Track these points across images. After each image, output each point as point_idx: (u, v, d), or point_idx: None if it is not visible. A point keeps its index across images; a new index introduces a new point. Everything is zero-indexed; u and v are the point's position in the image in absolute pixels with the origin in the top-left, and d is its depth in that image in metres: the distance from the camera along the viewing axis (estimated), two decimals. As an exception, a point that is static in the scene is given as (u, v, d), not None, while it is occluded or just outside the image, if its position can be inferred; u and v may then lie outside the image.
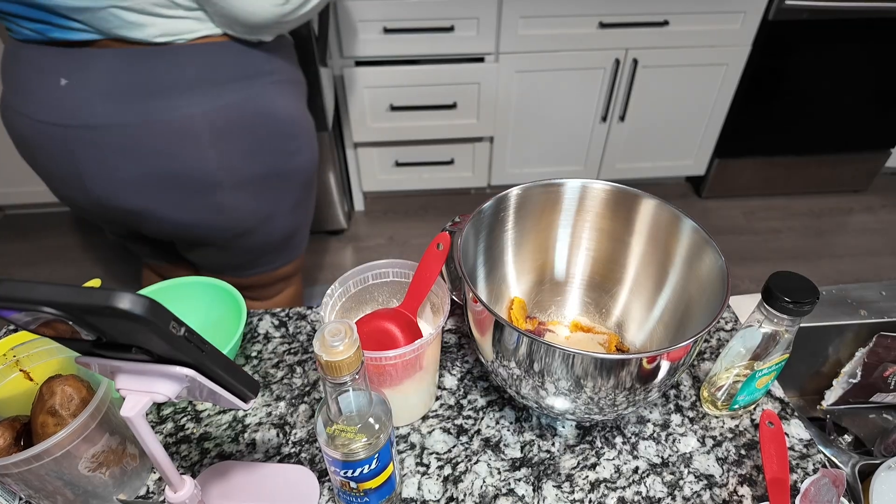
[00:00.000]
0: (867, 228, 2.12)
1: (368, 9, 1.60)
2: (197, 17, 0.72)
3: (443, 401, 0.62)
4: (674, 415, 0.61)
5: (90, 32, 0.70)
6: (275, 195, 0.89)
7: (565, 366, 0.46)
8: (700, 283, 0.55)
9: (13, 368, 0.53)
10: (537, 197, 0.62)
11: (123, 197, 0.80)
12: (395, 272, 0.60)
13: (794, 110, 1.96)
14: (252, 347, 0.68)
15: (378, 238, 2.07)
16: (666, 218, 0.58)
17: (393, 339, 0.58)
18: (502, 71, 1.76)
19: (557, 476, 0.55)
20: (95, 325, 0.33)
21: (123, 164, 0.76)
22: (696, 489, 0.54)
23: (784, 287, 0.50)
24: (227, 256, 0.96)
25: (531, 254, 0.66)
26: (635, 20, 1.70)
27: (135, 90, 0.73)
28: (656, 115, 1.93)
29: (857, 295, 0.78)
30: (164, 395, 0.38)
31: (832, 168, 2.17)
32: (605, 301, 0.67)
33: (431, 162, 2.00)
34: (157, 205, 0.81)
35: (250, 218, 0.88)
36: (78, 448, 0.46)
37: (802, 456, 0.57)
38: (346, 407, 0.42)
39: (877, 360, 0.73)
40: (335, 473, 0.45)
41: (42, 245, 2.03)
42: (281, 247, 0.98)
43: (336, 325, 0.38)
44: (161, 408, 0.61)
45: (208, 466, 0.55)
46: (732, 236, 2.08)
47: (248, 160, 0.81)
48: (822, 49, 1.80)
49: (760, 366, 0.54)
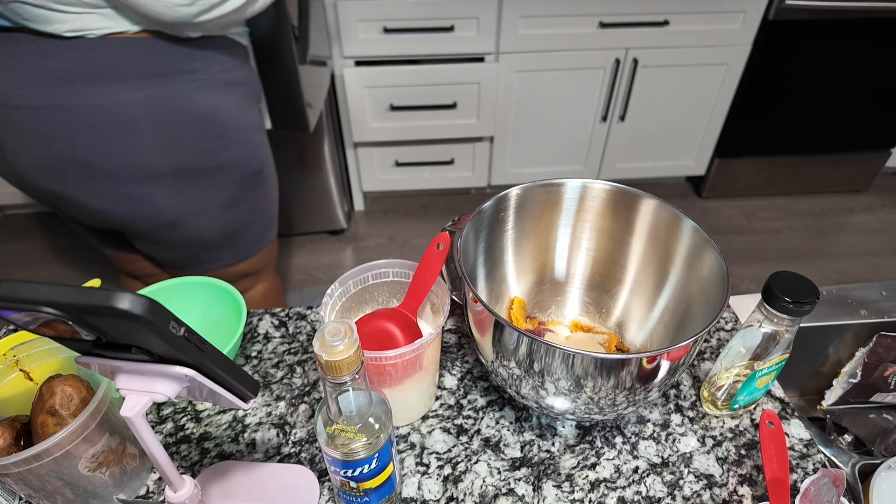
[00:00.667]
0: (867, 228, 2.12)
1: (368, 9, 1.60)
2: (106, 14, 0.73)
3: (443, 401, 0.62)
4: (674, 415, 0.61)
5: (4, 20, 0.72)
6: (198, 192, 0.89)
7: (565, 366, 0.46)
8: (700, 283, 0.55)
9: (13, 368, 0.53)
10: (537, 197, 0.62)
11: (40, 179, 0.82)
12: (395, 272, 0.60)
13: (795, 110, 1.96)
14: (252, 347, 0.68)
15: (378, 238, 2.07)
16: (666, 218, 0.58)
17: (393, 339, 0.58)
18: (502, 71, 1.76)
19: (557, 476, 0.55)
20: (95, 325, 0.33)
21: (36, 147, 0.78)
22: (696, 489, 0.54)
23: (784, 287, 0.49)
24: (164, 250, 0.97)
25: (531, 254, 0.66)
26: (635, 20, 1.70)
27: (47, 76, 0.74)
28: (656, 114, 1.93)
29: (857, 295, 0.78)
30: (164, 394, 0.38)
31: (832, 168, 2.17)
32: (605, 301, 0.67)
33: (431, 162, 2.00)
34: (71, 190, 0.83)
35: (168, 212, 0.89)
36: (78, 448, 0.46)
37: (802, 456, 0.57)
38: (346, 407, 0.42)
39: (877, 360, 0.73)
40: (335, 473, 0.45)
41: (42, 245, 2.03)
42: (221, 244, 0.98)
43: (336, 324, 0.38)
44: (161, 408, 0.61)
45: (208, 466, 0.55)
46: (732, 236, 2.08)
47: (159, 155, 0.82)
48: (822, 49, 1.80)
49: (760, 366, 0.54)
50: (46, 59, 0.74)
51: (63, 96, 0.75)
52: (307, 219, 1.99)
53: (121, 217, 0.88)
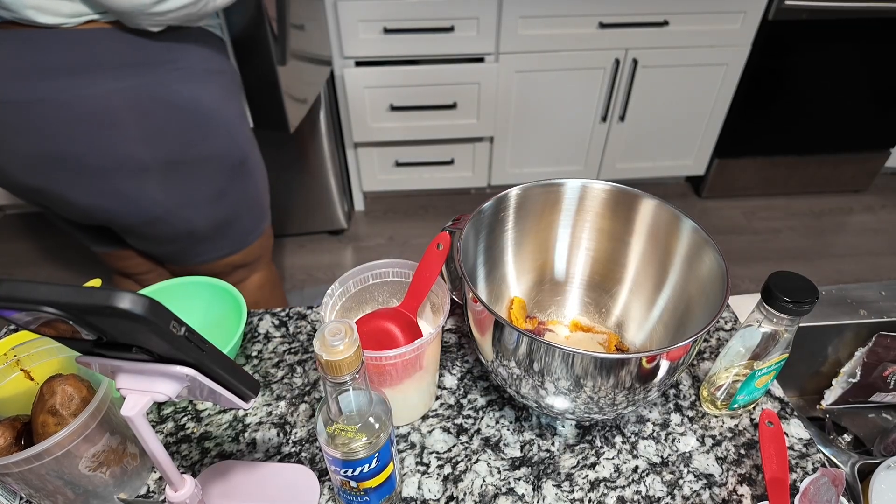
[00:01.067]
0: (867, 228, 2.12)
1: (368, 9, 1.60)
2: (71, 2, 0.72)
3: (443, 400, 0.62)
4: (673, 414, 0.61)
5: None
6: (183, 184, 0.88)
7: (565, 365, 0.46)
8: (700, 282, 0.55)
9: (14, 368, 0.53)
10: (537, 197, 0.62)
11: (26, 176, 0.81)
12: (395, 272, 0.60)
13: (794, 110, 1.96)
14: (252, 347, 0.68)
15: (378, 238, 2.07)
16: (666, 218, 0.58)
17: (393, 339, 0.58)
18: (502, 71, 1.76)
19: (557, 475, 0.55)
20: (96, 325, 0.33)
21: (19, 143, 0.78)
22: (695, 488, 0.54)
23: (784, 287, 0.50)
24: (156, 245, 0.97)
25: (531, 254, 0.66)
26: (635, 20, 1.70)
27: (27, 70, 0.74)
28: (656, 115, 1.93)
29: (857, 295, 0.78)
30: (164, 394, 0.38)
31: (832, 168, 2.17)
32: (604, 301, 0.67)
33: (431, 162, 2.00)
34: (56, 186, 0.82)
35: (156, 206, 0.88)
36: (78, 447, 0.46)
37: (802, 455, 0.57)
38: (346, 406, 0.42)
39: (876, 359, 0.74)
40: (335, 473, 0.45)
41: (42, 245, 2.03)
42: (212, 236, 0.98)
43: (336, 324, 0.38)
44: (161, 407, 0.61)
45: (209, 466, 0.55)
46: (732, 236, 2.08)
47: (144, 148, 0.82)
48: (822, 49, 1.80)
49: (760, 365, 0.54)
50: (26, 52, 0.73)
51: (44, 89, 0.74)
52: (307, 219, 2.00)
53: (108, 212, 0.87)
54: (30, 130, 0.76)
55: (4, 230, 2.09)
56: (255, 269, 1.12)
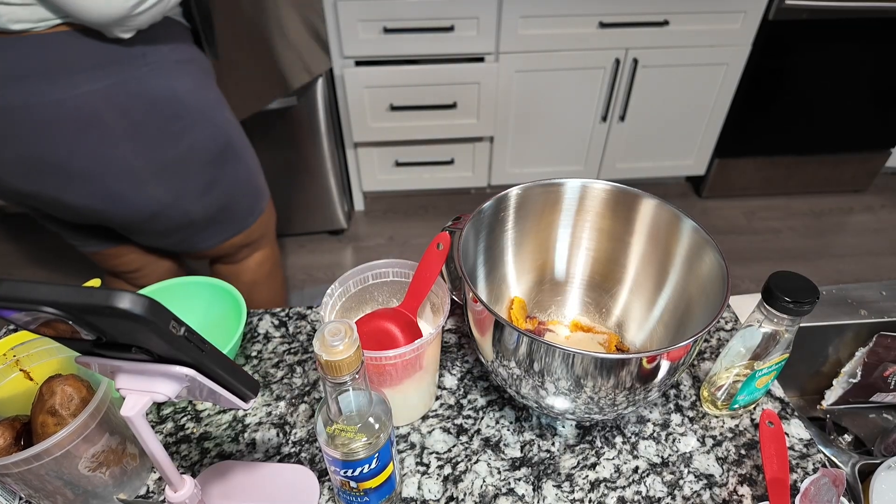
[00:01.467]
0: (867, 228, 2.12)
1: (368, 9, 1.60)
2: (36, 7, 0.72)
3: (443, 400, 0.62)
4: (674, 414, 0.61)
5: None
6: (175, 176, 0.88)
7: (565, 365, 0.46)
8: (700, 282, 0.55)
9: (13, 368, 0.53)
10: (537, 197, 0.62)
11: (16, 181, 0.82)
12: (395, 272, 0.60)
13: (794, 110, 1.96)
14: (252, 347, 0.68)
15: (378, 238, 2.07)
16: (666, 218, 0.58)
17: (393, 339, 0.58)
18: (502, 71, 1.76)
19: (557, 476, 0.55)
20: (95, 325, 0.33)
21: (4, 149, 0.78)
22: (695, 489, 0.54)
23: (784, 287, 0.50)
24: (158, 238, 0.98)
25: (531, 254, 0.66)
26: (635, 20, 1.70)
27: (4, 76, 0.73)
28: (656, 114, 1.93)
29: (857, 295, 0.78)
30: (164, 394, 0.38)
31: (832, 168, 2.17)
32: (605, 301, 0.67)
33: (431, 162, 2.00)
34: (48, 189, 0.83)
35: (151, 202, 0.88)
36: (78, 448, 0.46)
37: (802, 456, 0.57)
38: (346, 406, 0.42)
39: (877, 359, 0.73)
40: (335, 473, 0.45)
41: (42, 245, 2.03)
42: (212, 222, 0.98)
43: (336, 324, 0.38)
44: (161, 407, 0.61)
45: (208, 466, 0.55)
46: (732, 236, 2.08)
47: (130, 146, 0.82)
48: (822, 49, 1.80)
49: (760, 365, 0.54)
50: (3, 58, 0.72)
51: (20, 95, 0.74)
52: (307, 219, 1.99)
53: (105, 212, 0.88)
54: (10, 137, 0.76)
55: (4, 230, 2.09)
56: (258, 246, 1.13)
